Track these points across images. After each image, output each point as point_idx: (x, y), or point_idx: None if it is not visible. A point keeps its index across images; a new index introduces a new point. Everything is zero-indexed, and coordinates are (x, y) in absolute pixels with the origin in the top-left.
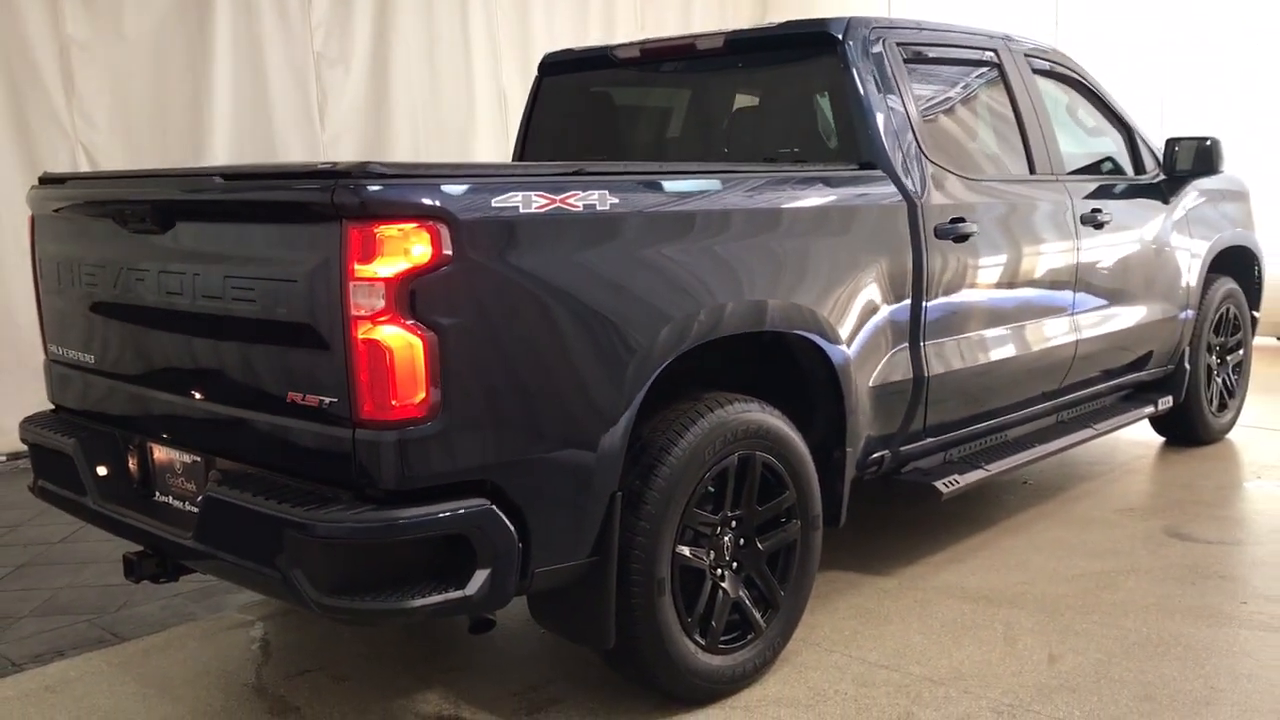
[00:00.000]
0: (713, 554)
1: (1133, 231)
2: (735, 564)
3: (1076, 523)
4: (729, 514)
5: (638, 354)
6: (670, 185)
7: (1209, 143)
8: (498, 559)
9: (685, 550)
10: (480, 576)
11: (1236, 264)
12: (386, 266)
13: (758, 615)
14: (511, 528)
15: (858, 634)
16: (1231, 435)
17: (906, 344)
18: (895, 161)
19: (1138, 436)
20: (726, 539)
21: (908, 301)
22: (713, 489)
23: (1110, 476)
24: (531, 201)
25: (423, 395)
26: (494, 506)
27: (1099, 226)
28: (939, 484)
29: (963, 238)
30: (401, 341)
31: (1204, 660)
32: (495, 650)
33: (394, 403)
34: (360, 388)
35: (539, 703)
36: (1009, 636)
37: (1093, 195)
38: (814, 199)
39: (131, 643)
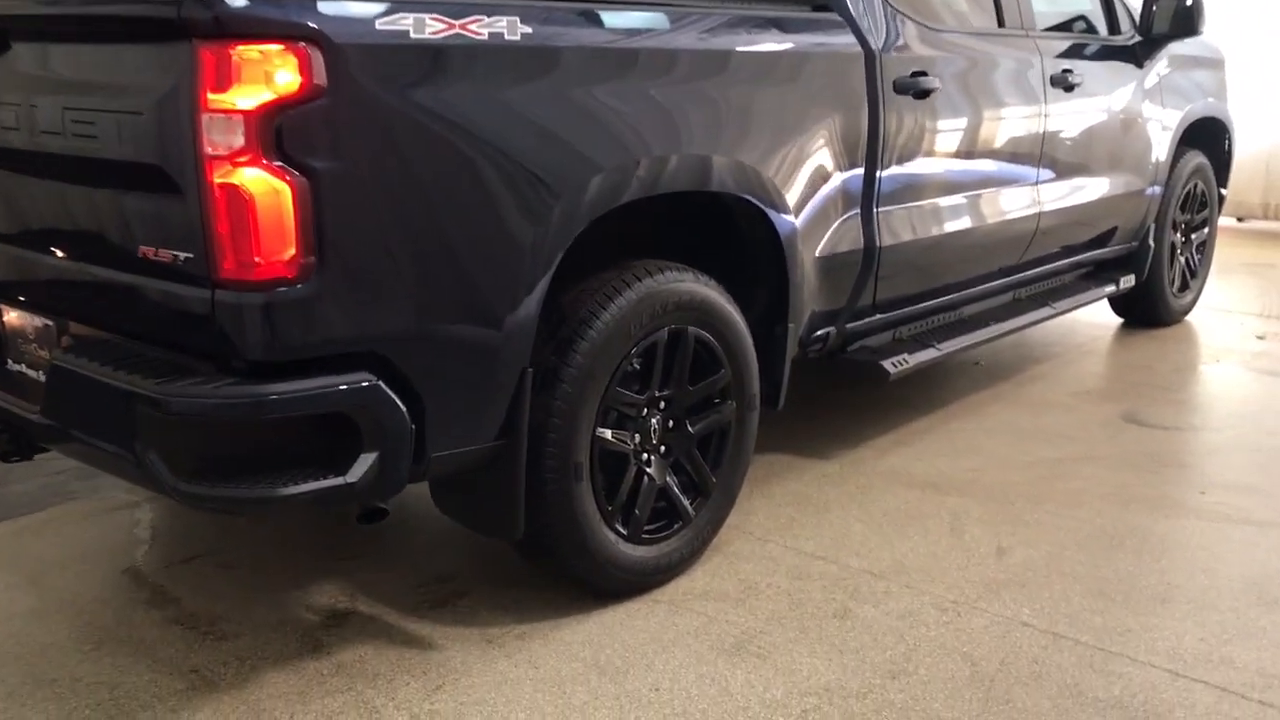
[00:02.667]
0: (638, 437)
1: (1104, 97)
2: (663, 448)
3: (1030, 406)
4: (657, 394)
5: (558, 210)
6: (597, 17)
7: (1190, 1)
8: (386, 442)
9: (607, 433)
10: (365, 461)
11: (1206, 137)
12: (246, 97)
13: (686, 503)
14: (402, 407)
15: (794, 522)
16: (1190, 317)
17: (858, 211)
18: (853, 6)
19: (1095, 318)
20: (654, 421)
21: (861, 163)
22: (639, 367)
23: (1066, 359)
24: (425, 26)
25: (292, 251)
26: (381, 383)
27: (1069, 89)
28: (887, 364)
29: (923, 94)
30: (265, 187)
31: (1160, 554)
32: (402, 538)
33: (258, 260)
34: (218, 242)
35: (444, 596)
36: (956, 527)
37: (1064, 55)
38: (765, 44)
39: (2, 524)
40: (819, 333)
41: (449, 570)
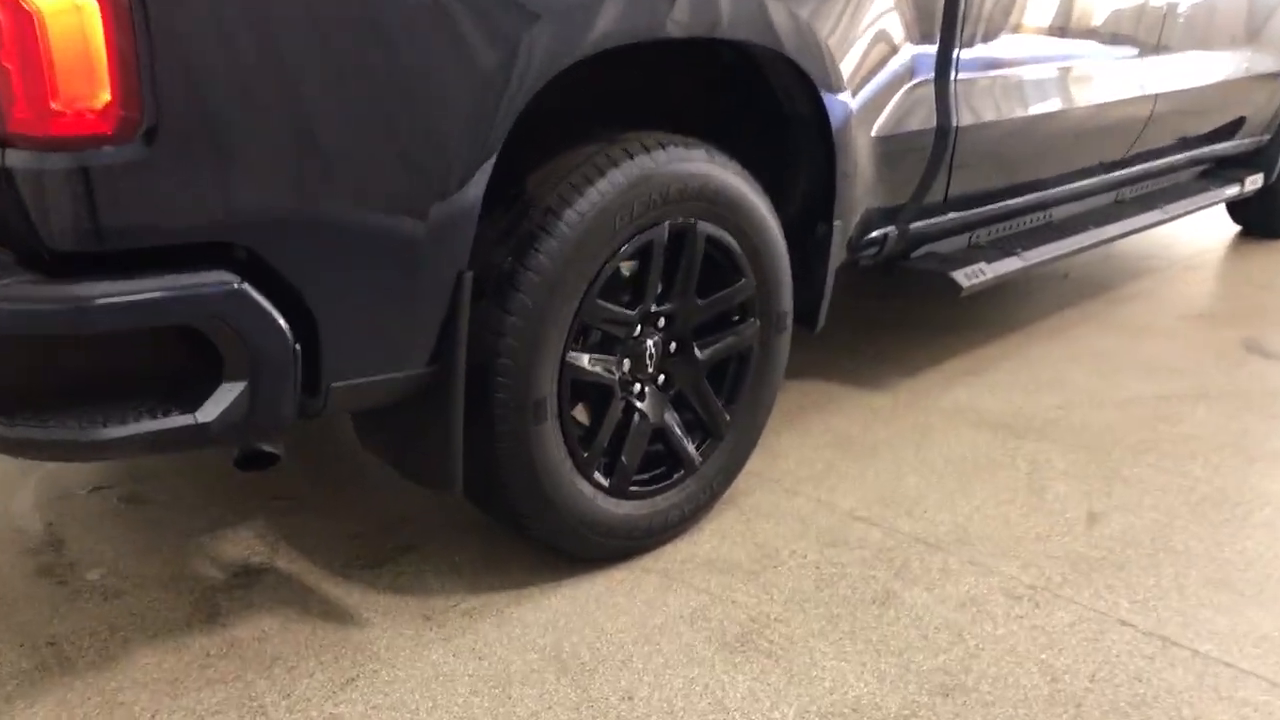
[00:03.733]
0: (627, 364)
1: None
2: (661, 378)
3: (1128, 330)
4: (654, 309)
5: (505, 52)
6: None
7: None
8: (258, 368)
9: (583, 359)
10: (227, 394)
11: None
12: None
13: (691, 447)
14: (282, 321)
15: (832, 470)
16: None
17: (931, 78)
18: None
19: (1206, 227)
20: (649, 344)
21: (938, 17)
22: (629, 273)
23: (1170, 274)
24: None
25: (107, 96)
26: (248, 286)
27: None
28: (958, 275)
29: None
30: (62, 4)
31: None
32: (354, 472)
33: (56, 105)
34: (3, 80)
35: (385, 551)
36: (1035, 482)
37: None
38: None
39: None
40: (874, 234)
41: (398, 516)
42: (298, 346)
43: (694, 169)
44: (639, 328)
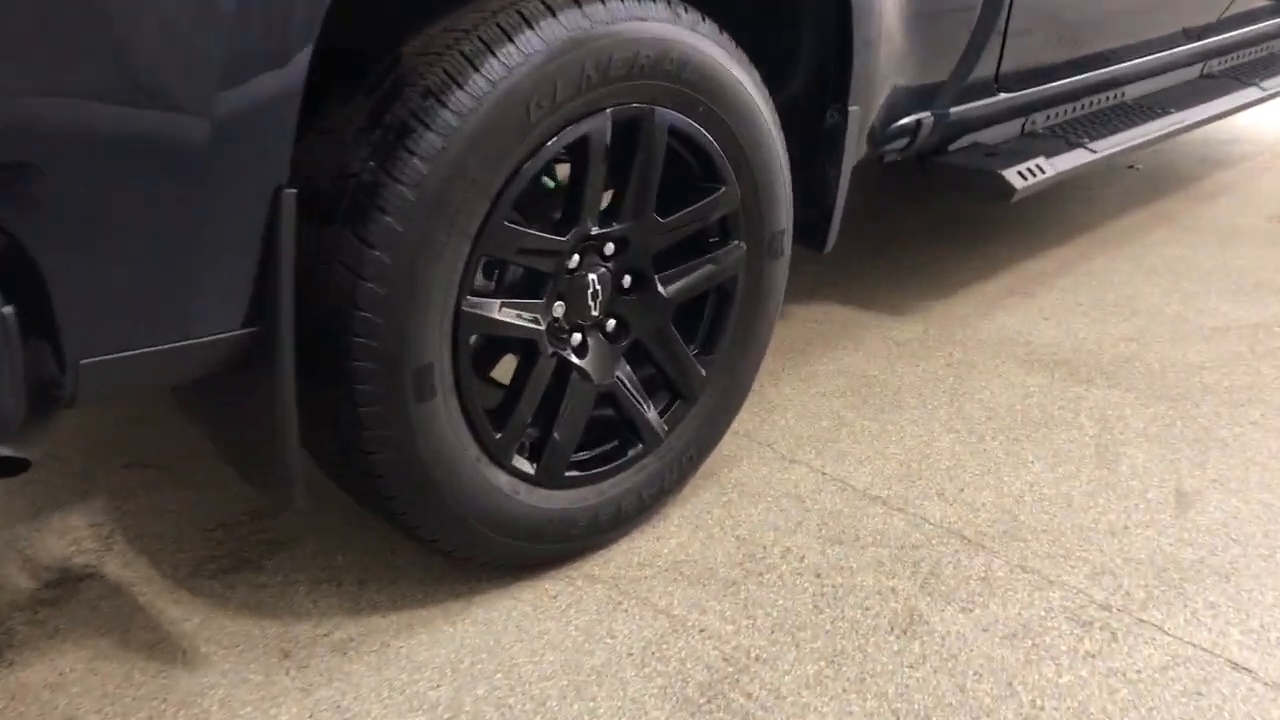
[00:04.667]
0: (560, 307)
1: None
2: (611, 324)
3: (1214, 236)
4: (595, 231)
5: None
6: None
7: None
8: None
9: (491, 307)
10: None
11: None
12: None
13: (651, 414)
14: None
15: (843, 428)
16: None
17: None
18: None
19: None
20: (593, 278)
21: None
22: (556, 183)
23: (1259, 164)
24: None
25: None
26: None
27: None
28: (1010, 173)
29: None
30: None
31: None
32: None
33: None
34: None
35: (248, 548)
36: (1104, 446)
37: None
38: None
39: None
40: (904, 121)
41: (268, 506)
42: (8, 310)
43: (649, 32)
44: (576, 258)
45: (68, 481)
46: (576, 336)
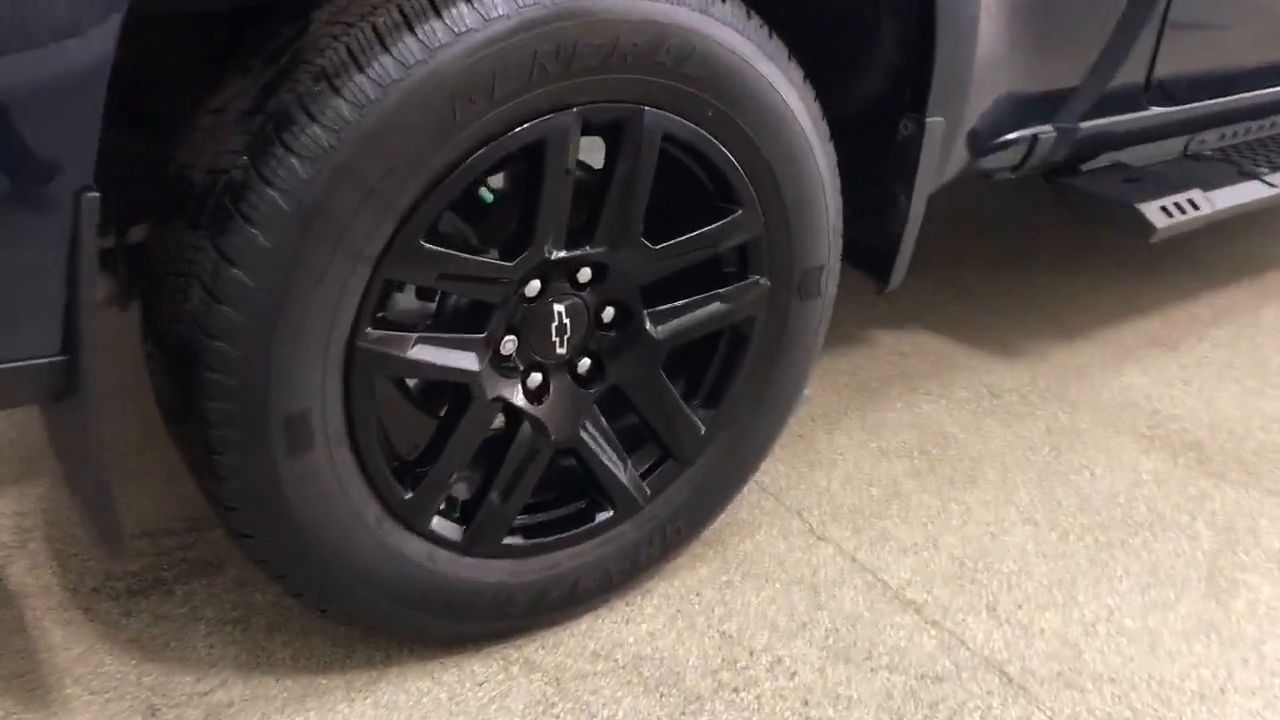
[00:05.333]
0: (512, 344)
1: None
2: (585, 363)
3: None
4: (557, 256)
5: None
6: None
7: None
8: None
9: (402, 345)
10: None
11: None
12: None
13: (624, 475)
14: None
15: (895, 500)
16: None
17: None
18: None
19: None
20: (559, 310)
21: None
22: (493, 194)
23: None
24: None
25: None
26: None
27: None
28: (1150, 208)
29: None
30: None
31: None
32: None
33: None
34: None
35: (162, 569)
36: (1217, 570)
37: None
38: None
39: None
40: (1016, 135)
41: (187, 520)
42: None
43: (635, 13)
44: (536, 285)
45: (9, 467)
46: (535, 378)
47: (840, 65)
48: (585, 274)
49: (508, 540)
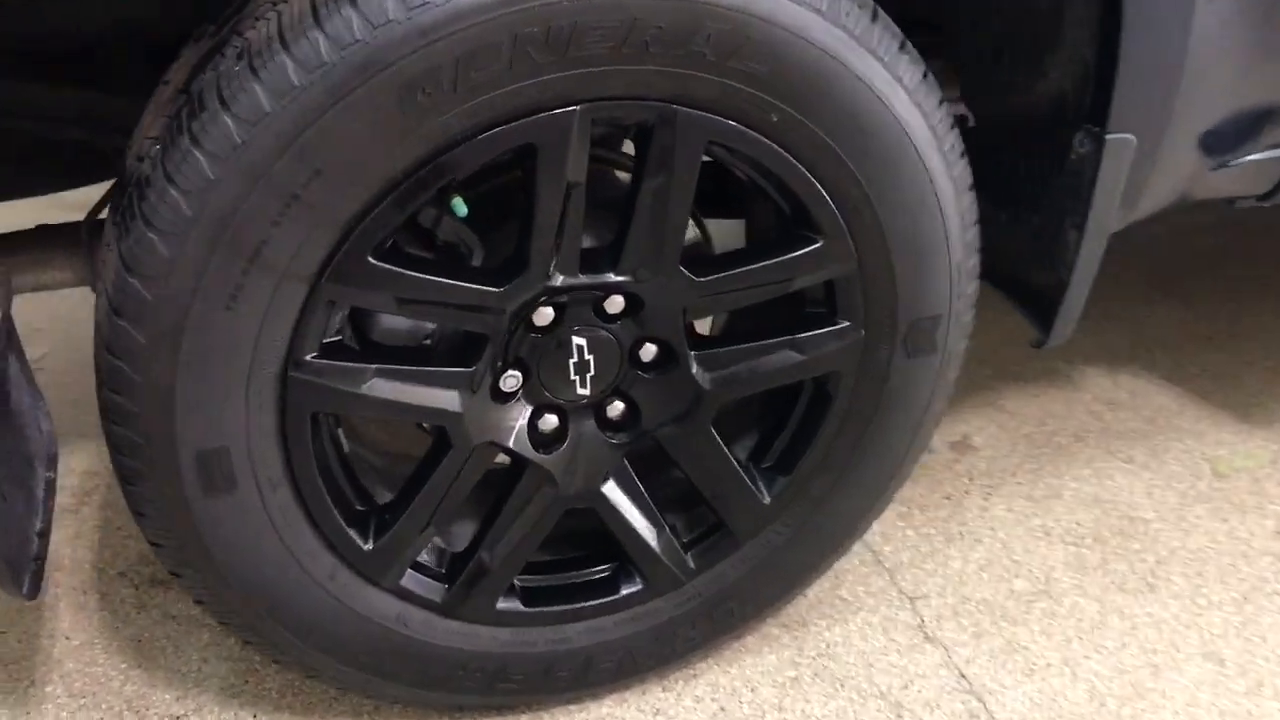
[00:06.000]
0: (514, 380)
1: None
2: (618, 407)
3: None
4: (560, 280)
5: None
6: None
7: None
8: None
9: (355, 379)
10: None
11: None
12: None
13: (662, 539)
14: None
15: (1041, 602)
16: None
17: None
18: None
19: None
20: (578, 344)
21: None
22: (464, 207)
23: None
24: None
25: None
26: None
27: None
28: None
29: None
30: None
31: None
32: None
33: None
34: None
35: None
36: None
37: None
38: None
39: None
40: (1260, 157)
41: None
42: None
43: None
44: (549, 313)
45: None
46: (548, 420)
47: (993, 58)
48: (616, 304)
49: (503, 605)
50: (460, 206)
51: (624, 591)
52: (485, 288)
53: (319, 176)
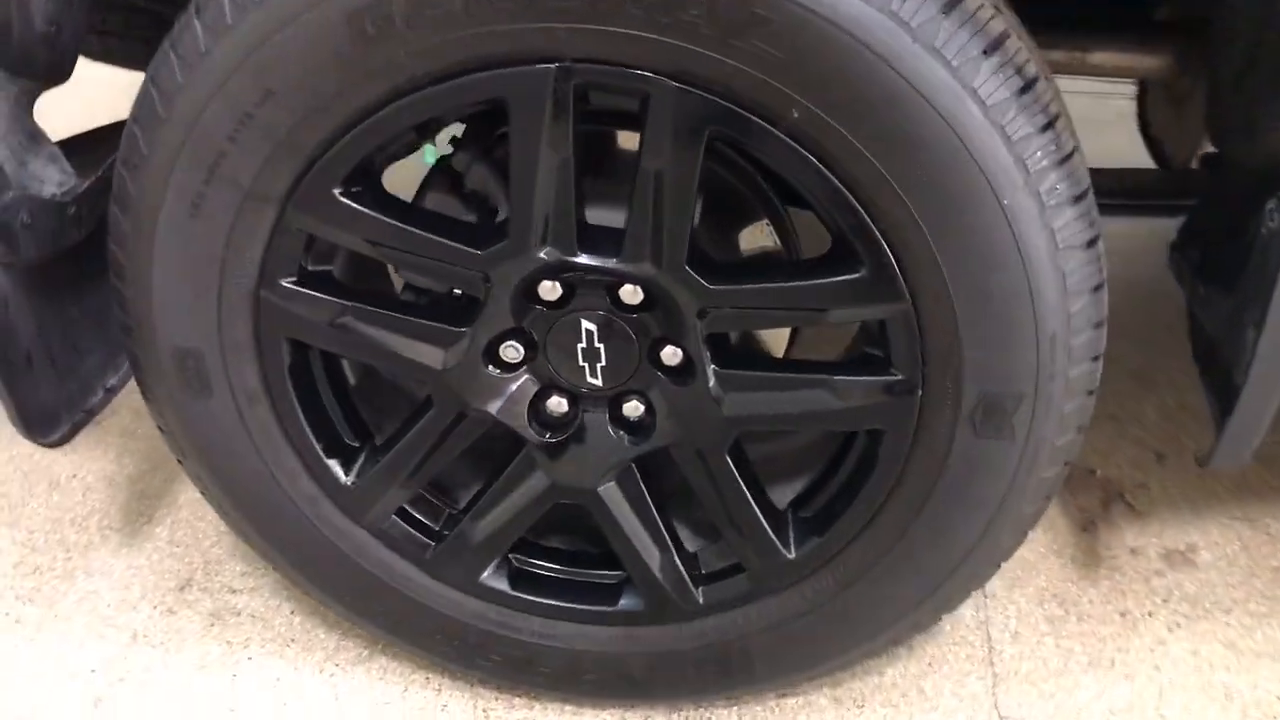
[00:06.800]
0: (516, 352)
1: None
2: (636, 407)
3: None
4: (544, 255)
5: None
6: None
7: None
8: None
9: (322, 310)
10: None
11: None
12: None
13: (666, 561)
14: None
15: None
16: None
17: None
18: None
19: None
20: (586, 328)
21: None
22: (432, 154)
23: None
24: None
25: None
26: None
27: None
28: None
29: None
30: None
31: None
32: None
33: None
34: None
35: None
36: None
37: None
38: None
39: None
40: None
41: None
42: None
43: None
44: (556, 288)
45: None
46: (557, 402)
47: (1233, 82)
48: (633, 294)
49: (488, 579)
50: (429, 154)
51: (622, 605)
52: (462, 247)
53: (271, 97)
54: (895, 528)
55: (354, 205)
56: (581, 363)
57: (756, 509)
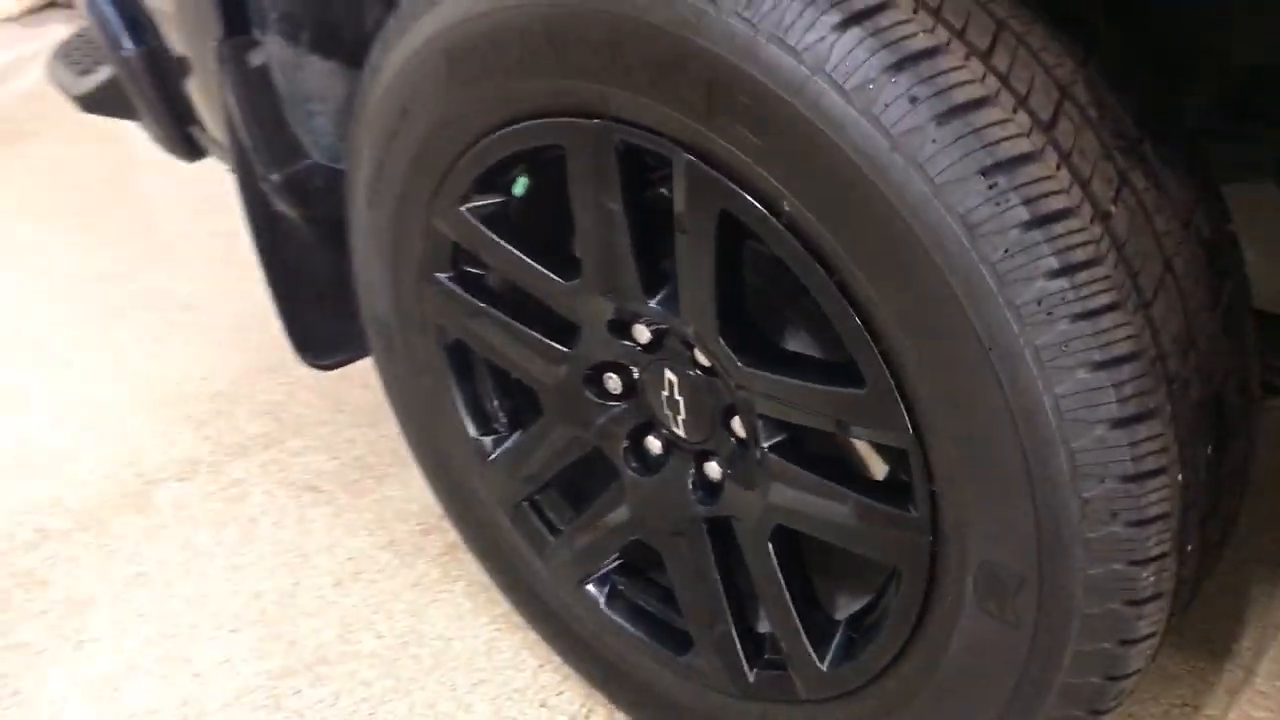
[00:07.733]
0: (616, 383)
1: None
2: (714, 468)
3: None
4: (609, 302)
5: None
6: None
7: None
8: None
9: (461, 310)
10: None
11: None
12: None
13: (697, 626)
14: None
15: None
16: None
17: None
18: None
19: None
20: (670, 379)
21: None
22: (522, 188)
23: None
24: None
25: None
26: None
27: None
28: None
29: None
30: None
31: None
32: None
33: None
34: None
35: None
36: None
37: None
38: None
39: None
40: None
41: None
42: None
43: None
44: (646, 334)
45: None
46: (651, 443)
47: None
48: (700, 355)
49: (591, 588)
50: (518, 186)
51: (687, 659)
52: (554, 277)
53: (406, 115)
54: (903, 691)
55: (470, 220)
56: (666, 410)
57: (792, 607)
